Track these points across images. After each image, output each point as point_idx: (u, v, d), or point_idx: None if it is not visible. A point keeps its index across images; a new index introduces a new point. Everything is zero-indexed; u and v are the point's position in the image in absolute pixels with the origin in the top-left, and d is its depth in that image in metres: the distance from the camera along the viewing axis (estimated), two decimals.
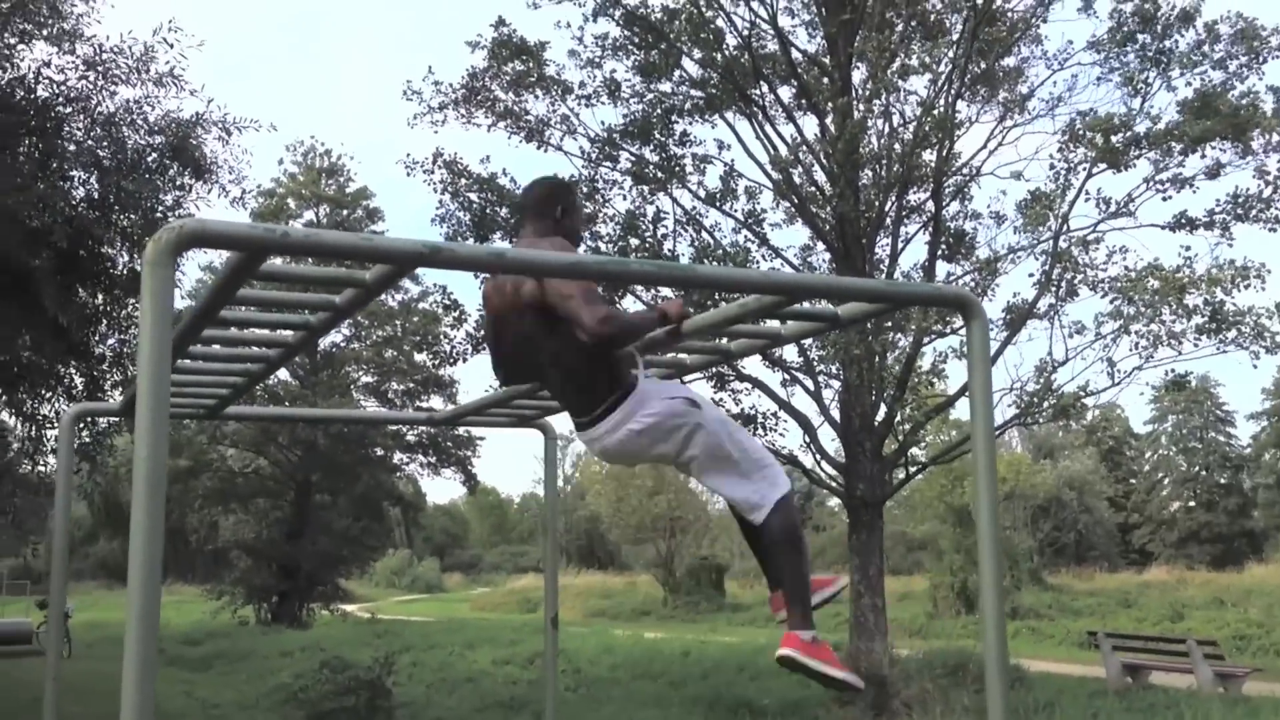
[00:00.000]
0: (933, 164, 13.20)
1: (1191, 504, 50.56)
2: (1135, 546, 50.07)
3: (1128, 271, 12.69)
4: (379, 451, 30.91)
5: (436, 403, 29.46)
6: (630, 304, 13.77)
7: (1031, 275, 13.34)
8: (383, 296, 29.58)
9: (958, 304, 3.72)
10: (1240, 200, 12.43)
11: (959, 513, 29.38)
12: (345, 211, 30.90)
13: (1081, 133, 13.39)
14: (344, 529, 30.55)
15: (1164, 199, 12.90)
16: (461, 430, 30.01)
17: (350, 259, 3.13)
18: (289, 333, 4.40)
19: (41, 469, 14.02)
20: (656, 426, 3.51)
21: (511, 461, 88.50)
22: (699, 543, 37.07)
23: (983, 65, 13.41)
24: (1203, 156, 12.64)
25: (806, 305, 3.95)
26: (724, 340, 4.43)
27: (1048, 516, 41.15)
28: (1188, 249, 12.53)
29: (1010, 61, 13.93)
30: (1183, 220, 12.78)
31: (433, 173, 13.83)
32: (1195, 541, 47.78)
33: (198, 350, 4.37)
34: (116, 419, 12.94)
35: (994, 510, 3.75)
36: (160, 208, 12.24)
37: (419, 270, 3.80)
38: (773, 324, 4.45)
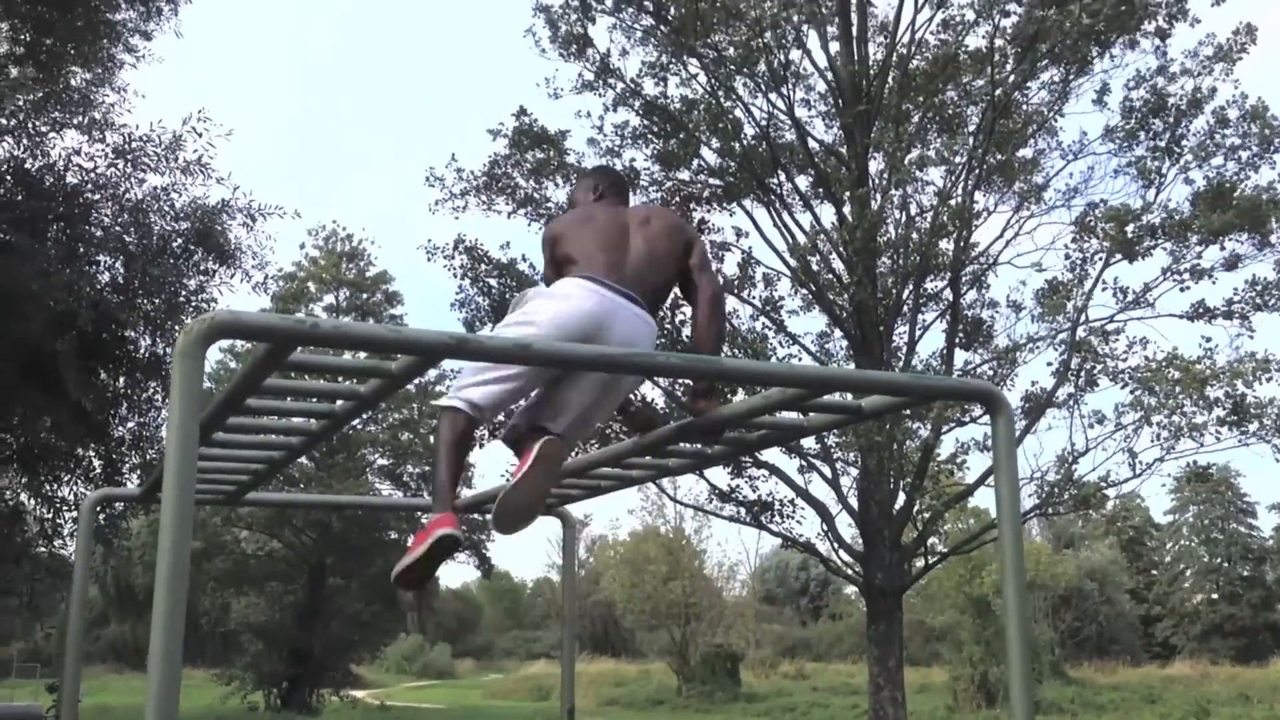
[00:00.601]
0: (950, 253, 13.27)
1: (1214, 596, 49.74)
2: (1158, 639, 49.20)
3: (1148, 362, 12.67)
4: (393, 535, 30.76)
5: None
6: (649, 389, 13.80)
7: (1050, 364, 13.34)
8: None
9: (982, 398, 3.72)
10: (1259, 289, 12.45)
11: (978, 603, 28.96)
12: (365, 295, 31.14)
13: (1094, 224, 13.47)
14: (357, 613, 30.31)
15: (1182, 289, 12.94)
16: (476, 515, 29.87)
17: (378, 350, 3.16)
18: (312, 421, 4.43)
19: (57, 551, 14.01)
20: None
21: (524, 545, 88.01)
22: (713, 630, 36.58)
23: (999, 156, 13.53)
24: (1221, 248, 12.70)
25: (830, 398, 3.95)
26: (745, 432, 4.44)
27: (1069, 608, 40.53)
28: (1208, 340, 12.53)
29: (1026, 153, 14.05)
30: (1201, 310, 12.79)
31: (453, 258, 13.96)
32: (1219, 635, 46.92)
33: (220, 437, 4.38)
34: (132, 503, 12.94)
35: (1022, 602, 3.70)
36: (184, 292, 12.42)
37: None
38: (794, 415, 4.45)
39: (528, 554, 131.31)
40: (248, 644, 30.62)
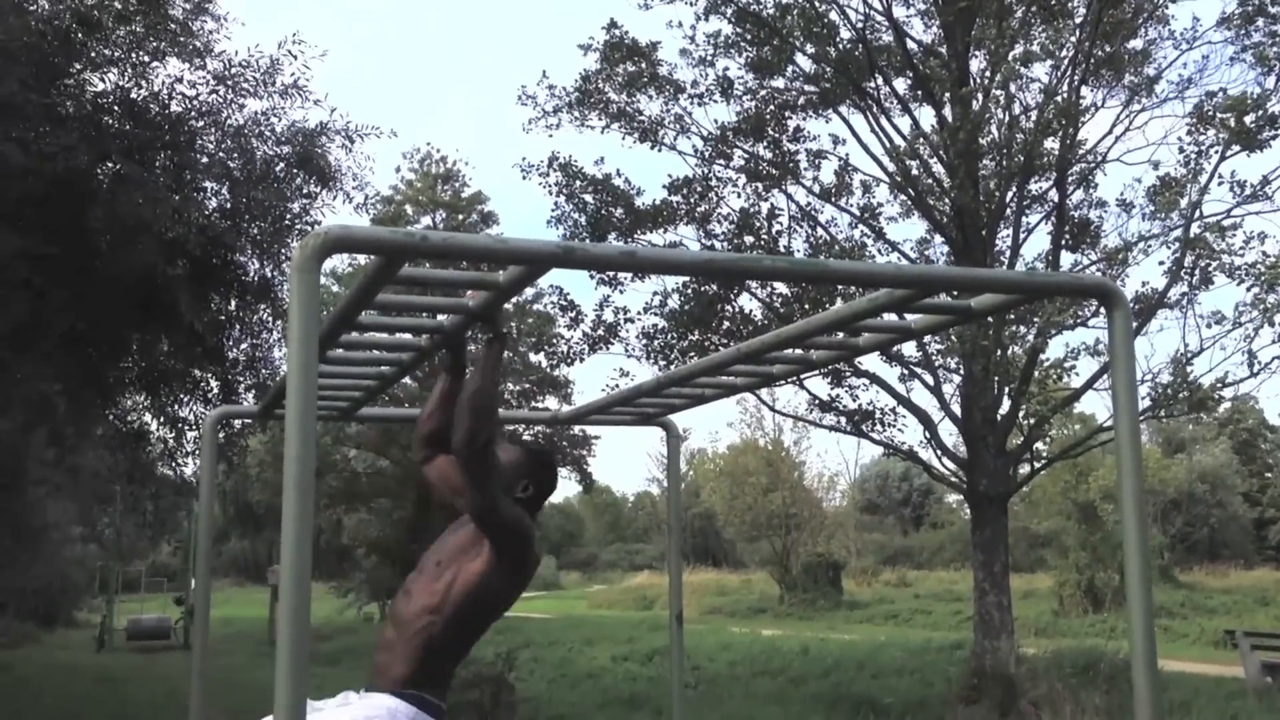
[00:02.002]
0: (1056, 152, 12.87)
1: None
2: (1272, 543, 48.14)
3: (1266, 257, 12.21)
4: None
5: (551, 403, 29.75)
6: (746, 301, 13.75)
7: (1162, 264, 12.92)
8: None
9: (1098, 293, 3.62)
10: None
11: (1084, 509, 28.59)
12: (461, 216, 31.39)
13: (1211, 115, 12.93)
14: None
15: None
16: (576, 429, 30.29)
17: (487, 261, 3.19)
18: (422, 337, 4.50)
19: (181, 470, 14.55)
20: None
21: (625, 460, 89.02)
22: (814, 540, 36.74)
23: (1107, 49, 13.01)
24: None
25: (937, 299, 3.89)
26: (848, 335, 4.40)
27: (1179, 512, 39.78)
28: None
29: (1136, 44, 13.48)
30: None
31: (548, 175, 13.97)
32: None
33: (334, 354, 4.49)
34: (249, 421, 13.37)
35: (1141, 506, 3.65)
36: (289, 215, 12.63)
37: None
38: (900, 318, 4.40)
39: (628, 468, 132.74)
40: (361, 559, 31.63)
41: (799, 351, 4.62)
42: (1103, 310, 3.62)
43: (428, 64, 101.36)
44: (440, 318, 4.18)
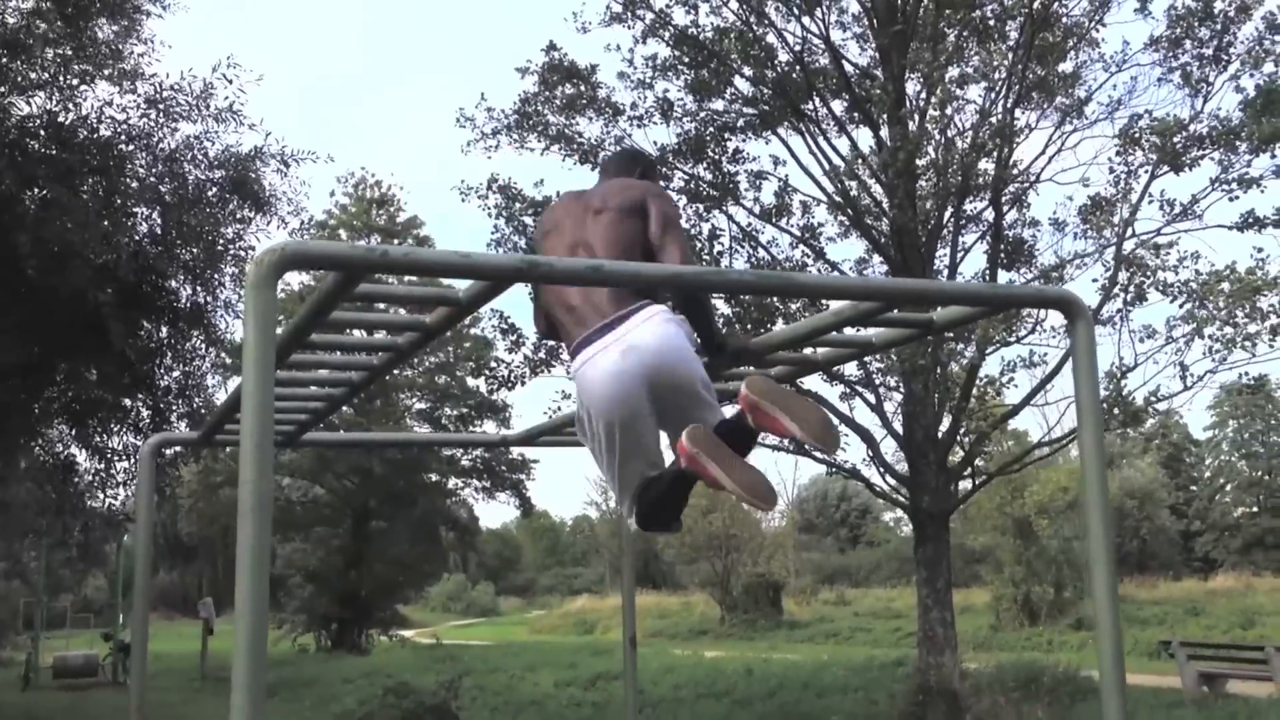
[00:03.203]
0: (991, 172, 13.05)
1: (1255, 509, 49.60)
2: (1198, 554, 49.17)
3: (1198, 274, 12.47)
4: (433, 477, 31.04)
5: (490, 427, 29.54)
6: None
7: (1095, 281, 13.15)
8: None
9: (1061, 304, 3.65)
10: None
11: (1019, 524, 28.97)
12: (396, 241, 31.15)
13: (1138, 136, 13.20)
14: (401, 555, 30.70)
15: (1231, 199, 12.67)
16: (516, 454, 30.08)
17: (449, 276, 3.11)
18: (375, 356, 4.40)
19: (111, 501, 14.19)
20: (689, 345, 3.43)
21: (562, 484, 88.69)
22: (754, 560, 36.81)
23: (1040, 71, 13.23)
24: (1272, 156, 12.40)
25: (899, 313, 3.88)
26: (811, 350, 4.38)
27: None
28: (1260, 250, 12.31)
29: (1067, 66, 13.74)
30: (1250, 220, 12.53)
31: (487, 198, 13.88)
32: (1260, 547, 46.78)
33: (281, 375, 4.37)
34: (181, 450, 13.06)
35: (1105, 511, 3.67)
36: (222, 240, 12.42)
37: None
38: (858, 332, 4.39)
39: (564, 493, 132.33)
40: (297, 589, 31.11)
41: (755, 369, 4.59)
42: (1041, 324, 3.63)
43: (366, 87, 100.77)
44: (400, 336, 4.09)
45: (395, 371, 30.20)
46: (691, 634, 33.04)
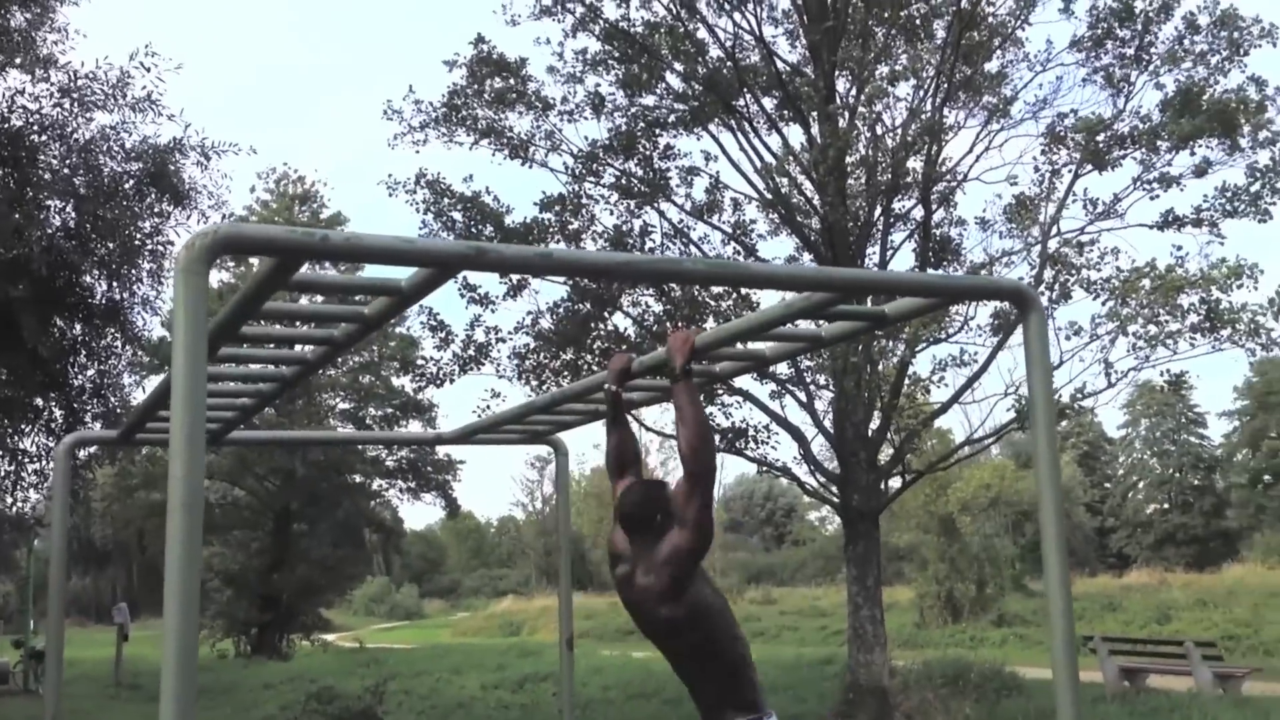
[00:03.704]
0: (920, 170, 13.13)
1: (1166, 506, 50.90)
2: (1113, 550, 50.31)
3: (1120, 272, 12.67)
4: (358, 478, 30.60)
5: (415, 427, 29.16)
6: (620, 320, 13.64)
7: (1022, 279, 13.27)
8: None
9: (1013, 296, 3.62)
10: (1229, 195, 12.43)
11: (943, 522, 29.35)
12: None
13: (1063, 135, 13.39)
14: (323, 557, 30.22)
15: (1152, 198, 12.89)
16: (442, 454, 29.75)
17: (392, 263, 2.97)
18: (306, 349, 4.22)
19: (20, 505, 13.70)
20: None
21: (487, 485, 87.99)
22: None
23: (966, 71, 13.34)
24: (1192, 154, 12.63)
25: (851, 306, 3.81)
26: (758, 345, 4.30)
27: (1028, 522, 41.26)
28: (1179, 248, 12.53)
29: (993, 66, 13.88)
30: (1171, 219, 12.77)
31: (415, 193, 13.64)
32: (1172, 544, 48.05)
33: (210, 370, 4.18)
34: (95, 451, 12.63)
35: (1058, 504, 3.64)
36: (139, 235, 12.05)
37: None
38: (811, 326, 4.31)
39: (490, 494, 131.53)
40: (216, 593, 30.46)
41: (705, 364, 4.50)
42: (969, 323, 3.60)
43: (292, 80, 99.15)
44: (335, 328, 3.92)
45: (320, 371, 29.73)
46: (619, 634, 32.89)
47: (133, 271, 11.90)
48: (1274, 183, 12.18)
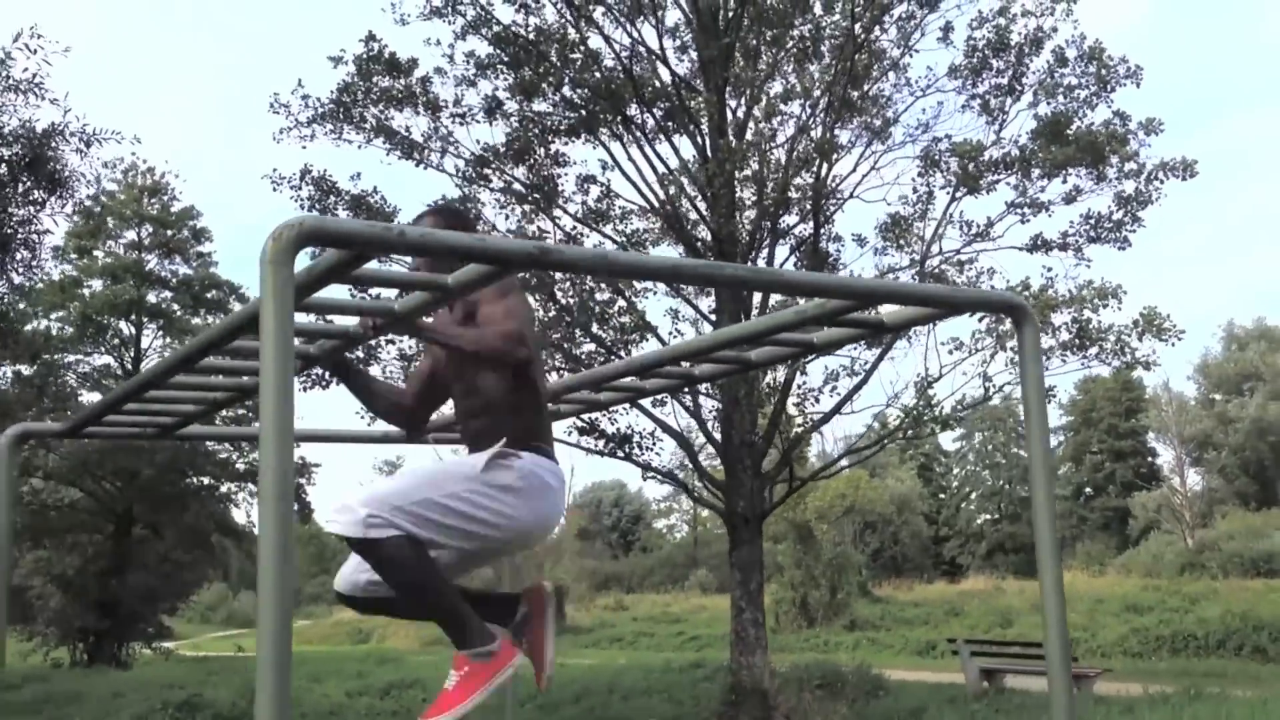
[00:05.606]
0: (809, 186, 13.50)
1: (996, 517, 53.23)
2: (946, 558, 52.34)
3: (994, 290, 13.28)
4: (206, 480, 29.59)
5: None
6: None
7: None
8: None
9: (1008, 309, 3.83)
10: (1093, 222, 13.21)
11: (800, 529, 30.04)
12: (170, 231, 29.57)
13: (939, 158, 13.98)
14: (162, 561, 29.11)
15: (1023, 222, 13.59)
16: (296, 457, 28.99)
17: (463, 259, 3.01)
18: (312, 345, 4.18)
19: None
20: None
21: (330, 489, 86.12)
22: (538, 566, 36.78)
23: (854, 93, 13.80)
24: (1064, 181, 13.38)
25: (851, 313, 3.98)
26: (747, 349, 4.42)
27: (874, 531, 42.61)
28: (1049, 270, 13.25)
29: (881, 89, 14.38)
30: (1040, 242, 13.48)
31: (300, 189, 13.40)
32: (1001, 552, 50.22)
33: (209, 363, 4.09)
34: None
35: (1052, 512, 3.86)
36: (11, 222, 11.50)
37: None
38: (802, 333, 4.46)
39: (330, 497, 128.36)
40: (46, 599, 28.98)
41: (686, 365, 4.60)
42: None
43: (178, 71, 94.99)
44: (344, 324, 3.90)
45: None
46: None
47: (6, 261, 11.34)
48: (1136, 211, 12.98)
